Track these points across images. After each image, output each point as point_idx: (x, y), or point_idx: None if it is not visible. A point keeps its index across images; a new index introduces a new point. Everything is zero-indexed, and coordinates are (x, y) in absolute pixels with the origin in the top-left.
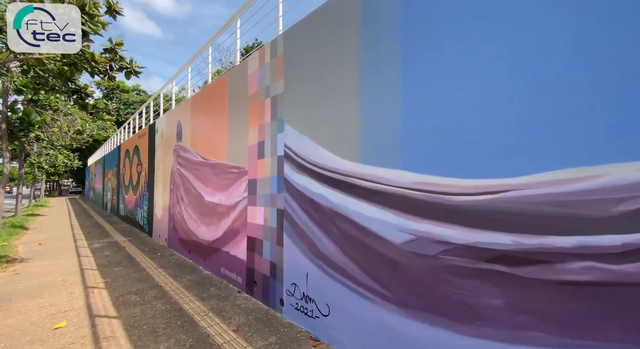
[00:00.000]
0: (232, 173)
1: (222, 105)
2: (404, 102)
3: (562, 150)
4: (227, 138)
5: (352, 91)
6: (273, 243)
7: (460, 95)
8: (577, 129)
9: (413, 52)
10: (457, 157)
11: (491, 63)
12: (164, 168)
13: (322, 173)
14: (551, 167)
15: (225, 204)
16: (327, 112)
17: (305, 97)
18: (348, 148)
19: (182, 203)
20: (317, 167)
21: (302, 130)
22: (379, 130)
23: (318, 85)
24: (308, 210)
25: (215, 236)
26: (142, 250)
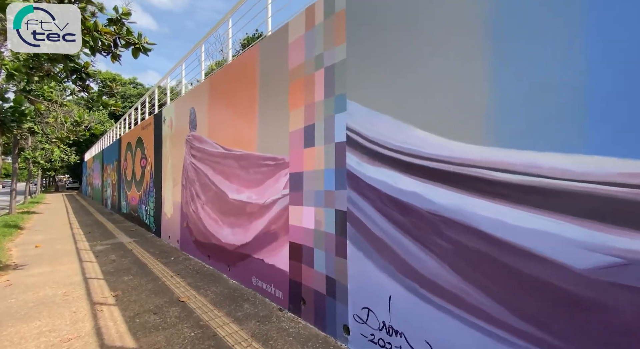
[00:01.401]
0: (266, 166)
1: (251, 85)
2: (599, 43)
3: None
4: (258, 124)
5: (476, 38)
6: (330, 253)
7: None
8: None
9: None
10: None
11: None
12: (174, 161)
13: (416, 164)
14: None
15: (256, 203)
16: (424, 78)
17: (384, 61)
18: (466, 126)
19: (198, 201)
20: (405, 155)
21: (378, 107)
22: (539, 94)
23: (409, 41)
24: (390, 213)
25: (243, 240)
26: (152, 253)
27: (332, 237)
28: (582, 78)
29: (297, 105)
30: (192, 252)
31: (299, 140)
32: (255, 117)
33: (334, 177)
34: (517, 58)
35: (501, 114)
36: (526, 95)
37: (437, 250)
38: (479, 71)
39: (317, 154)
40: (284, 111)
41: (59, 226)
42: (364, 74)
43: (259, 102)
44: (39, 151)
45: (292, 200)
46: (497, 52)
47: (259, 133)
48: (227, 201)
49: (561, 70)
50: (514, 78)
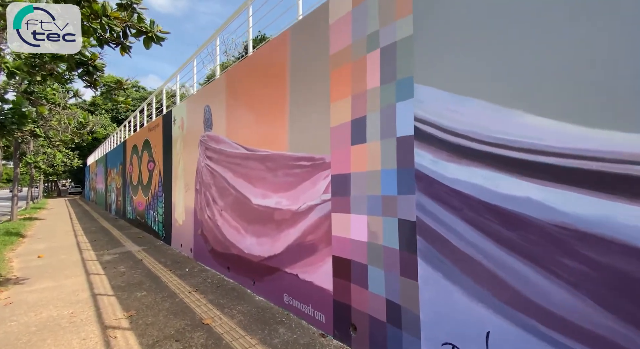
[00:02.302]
0: (299, 167)
1: (280, 76)
2: None
3: None
4: (288, 120)
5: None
6: (392, 272)
7: None
8: None
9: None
10: None
11: None
12: (186, 164)
13: (534, 161)
14: None
15: (288, 209)
16: (544, 46)
17: (477, 28)
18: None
19: (215, 207)
20: (514, 150)
21: (467, 89)
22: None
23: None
24: (487, 226)
25: (271, 252)
26: (164, 263)
27: (395, 253)
28: None
29: (341, 96)
30: (208, 263)
31: (344, 136)
32: (286, 112)
33: (395, 179)
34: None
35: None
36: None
37: (569, 275)
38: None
39: (370, 152)
40: (323, 104)
41: (62, 233)
42: (442, 49)
43: (290, 95)
44: (41, 155)
45: (336, 207)
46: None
47: (291, 130)
48: (250, 207)
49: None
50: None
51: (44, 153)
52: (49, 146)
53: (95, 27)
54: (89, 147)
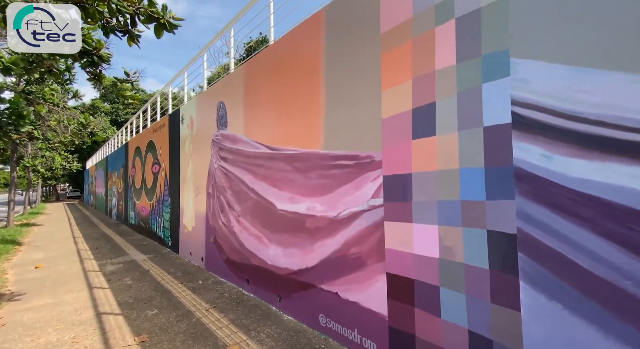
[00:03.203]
0: (338, 167)
1: (312, 64)
2: None
3: None
4: (324, 114)
5: None
6: (478, 298)
7: None
8: None
9: None
10: None
11: None
12: (196, 166)
13: None
14: None
15: (323, 216)
16: None
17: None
18: None
19: (231, 212)
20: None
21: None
22: None
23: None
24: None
25: (302, 264)
26: (174, 274)
27: (482, 274)
28: None
29: (397, 81)
30: (223, 274)
31: (401, 128)
32: (319, 105)
33: (482, 181)
34: None
35: None
36: None
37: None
38: None
39: (442, 147)
40: (370, 92)
41: (61, 240)
42: (554, 10)
43: (326, 85)
44: (39, 159)
45: (391, 214)
46: None
47: (327, 125)
48: (274, 213)
49: None
50: None
51: (42, 156)
52: (47, 149)
53: (102, 10)
54: (89, 150)
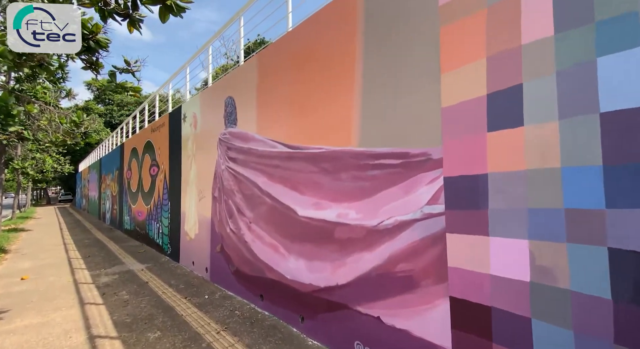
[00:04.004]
0: (380, 168)
1: (345, 43)
2: None
3: None
4: (360, 105)
5: None
6: (593, 337)
7: None
8: None
9: None
10: None
11: None
12: (200, 167)
13: None
14: None
15: (359, 224)
16: None
17: None
18: None
19: (241, 218)
20: None
21: None
22: None
23: None
24: None
25: (331, 281)
26: (175, 287)
27: (602, 305)
28: None
29: (464, 61)
30: (232, 287)
31: (471, 119)
32: (354, 94)
33: (600, 183)
34: None
35: None
36: None
37: None
38: None
39: (533, 140)
40: (425, 75)
41: (51, 247)
42: None
43: (363, 70)
44: (30, 161)
45: (455, 224)
46: None
47: (364, 118)
48: (294, 220)
49: None
50: None
51: (32, 158)
52: (38, 150)
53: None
54: (81, 153)
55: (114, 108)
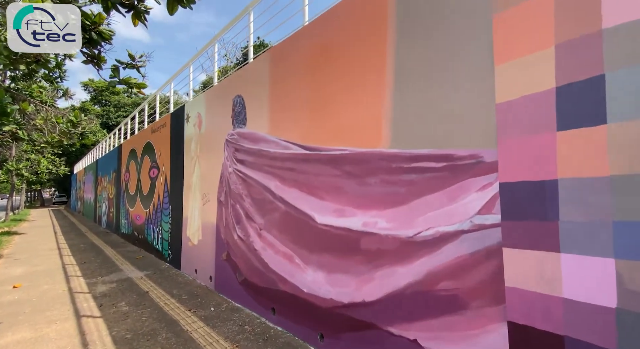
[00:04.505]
0: (418, 171)
1: (375, 31)
2: None
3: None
4: (391, 99)
5: None
6: None
7: None
8: None
9: None
10: None
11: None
12: (204, 170)
13: None
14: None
15: (391, 235)
16: None
17: None
18: None
19: (250, 225)
20: None
21: None
22: None
23: None
24: None
25: (356, 297)
26: (178, 297)
27: None
28: None
29: (526, 50)
30: (239, 298)
31: (535, 116)
32: (384, 88)
33: None
34: None
35: None
36: None
37: None
38: None
39: (619, 141)
40: (476, 67)
41: (45, 252)
42: None
43: (396, 62)
44: (24, 162)
45: (516, 238)
46: None
47: (397, 115)
48: (312, 228)
49: None
50: None
51: (27, 159)
52: (32, 151)
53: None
54: (77, 154)
55: (110, 109)
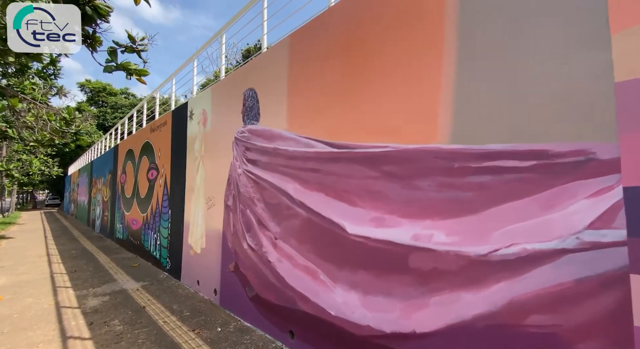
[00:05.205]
0: (494, 172)
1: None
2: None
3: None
4: (453, 83)
5: None
6: None
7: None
8: None
9: None
10: None
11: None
12: (209, 171)
13: None
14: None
15: (453, 251)
16: None
17: None
18: None
19: (263, 233)
20: None
21: None
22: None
23: None
24: None
25: (404, 326)
26: (179, 314)
27: None
28: None
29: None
30: (249, 316)
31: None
32: (444, 68)
33: None
34: None
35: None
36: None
37: None
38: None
39: None
40: (581, 36)
41: (33, 259)
42: None
43: (459, 31)
44: (15, 162)
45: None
46: None
47: (460, 102)
48: (341, 238)
49: None
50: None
51: (18, 159)
52: (24, 152)
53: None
54: (72, 155)
55: (107, 110)
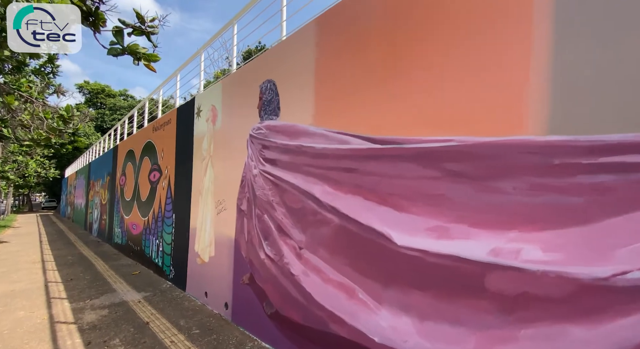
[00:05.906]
0: (612, 170)
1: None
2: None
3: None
4: (548, 57)
5: None
6: None
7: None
8: None
9: None
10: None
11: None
12: (219, 172)
13: None
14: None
15: (553, 272)
16: None
17: None
18: None
19: (285, 241)
20: None
21: None
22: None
23: None
24: None
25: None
26: (187, 331)
27: None
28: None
29: None
30: (268, 336)
31: None
32: (532, 40)
33: None
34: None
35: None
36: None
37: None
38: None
39: None
40: None
41: (27, 265)
42: None
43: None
44: (10, 164)
45: None
46: None
47: (558, 81)
48: (387, 251)
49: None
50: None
51: (14, 161)
52: (20, 153)
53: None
54: (69, 157)
55: (106, 112)
